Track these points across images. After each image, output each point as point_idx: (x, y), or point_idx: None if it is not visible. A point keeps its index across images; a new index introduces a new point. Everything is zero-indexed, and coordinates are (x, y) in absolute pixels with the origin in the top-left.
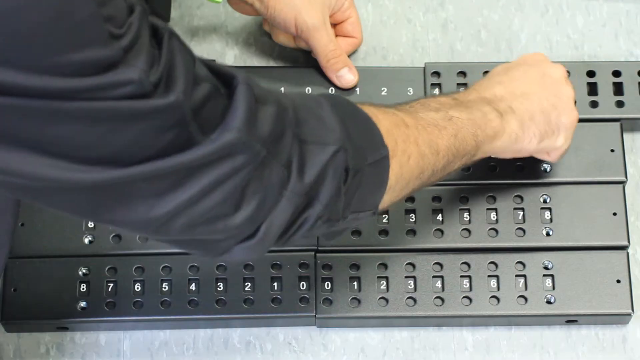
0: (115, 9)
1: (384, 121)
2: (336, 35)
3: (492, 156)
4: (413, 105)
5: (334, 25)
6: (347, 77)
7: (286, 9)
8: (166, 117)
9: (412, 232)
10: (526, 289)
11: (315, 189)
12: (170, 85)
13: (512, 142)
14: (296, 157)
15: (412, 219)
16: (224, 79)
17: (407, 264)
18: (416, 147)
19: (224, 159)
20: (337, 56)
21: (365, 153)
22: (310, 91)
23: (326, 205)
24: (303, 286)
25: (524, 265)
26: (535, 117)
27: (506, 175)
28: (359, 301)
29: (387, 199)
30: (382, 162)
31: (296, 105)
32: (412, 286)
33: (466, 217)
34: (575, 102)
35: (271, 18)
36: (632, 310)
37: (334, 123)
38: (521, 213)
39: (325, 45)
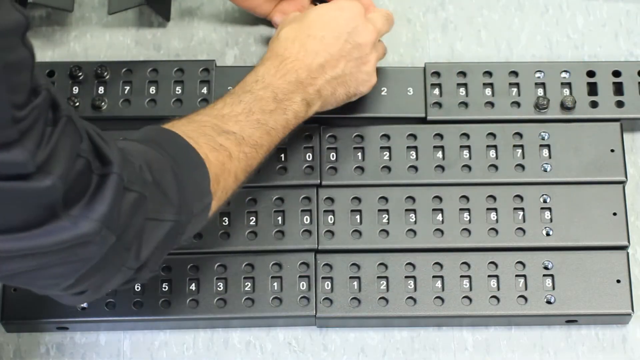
0: (22, 95)
1: (213, 162)
2: None
3: None
4: (239, 117)
5: None
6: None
7: None
8: (40, 198)
9: (412, 232)
10: (526, 289)
11: (147, 263)
12: (51, 168)
13: (308, 118)
14: (137, 239)
15: (412, 219)
16: (101, 159)
17: (407, 264)
18: (235, 177)
19: (78, 246)
20: None
21: (194, 207)
22: None
23: (154, 270)
24: (303, 286)
25: (524, 265)
26: (336, 93)
27: (506, 175)
28: (359, 301)
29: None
30: (205, 209)
31: (146, 178)
32: (412, 286)
33: (466, 217)
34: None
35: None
36: (632, 310)
37: (173, 192)
38: (521, 213)
39: None
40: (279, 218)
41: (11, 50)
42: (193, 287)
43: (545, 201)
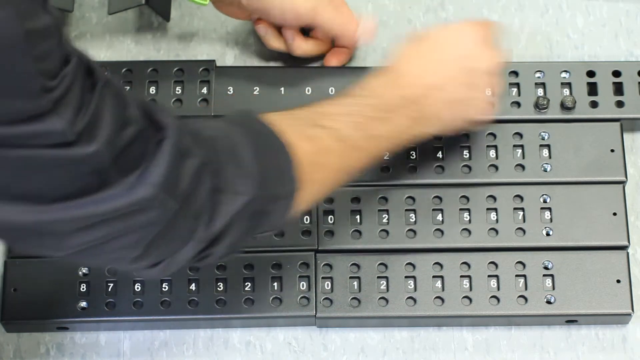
0: (51, 63)
1: (304, 149)
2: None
3: None
4: (338, 117)
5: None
6: (368, 27)
7: (280, 1)
8: (85, 165)
9: (412, 232)
10: (526, 289)
11: (222, 235)
12: (94, 134)
13: (418, 139)
14: (207, 207)
15: (412, 219)
16: (155, 124)
17: (407, 264)
18: (332, 174)
19: (138, 212)
20: (348, 20)
21: (275, 190)
22: (310, 91)
23: (230, 247)
24: (303, 286)
25: (524, 265)
26: (444, 117)
27: (506, 175)
28: (359, 301)
29: (297, 212)
30: (289, 197)
31: (218, 150)
32: (412, 286)
33: (466, 217)
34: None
35: (264, 11)
36: (632, 310)
37: (252, 168)
38: (521, 213)
39: (333, 18)
40: None
41: (32, 17)
42: (193, 287)
43: (545, 201)
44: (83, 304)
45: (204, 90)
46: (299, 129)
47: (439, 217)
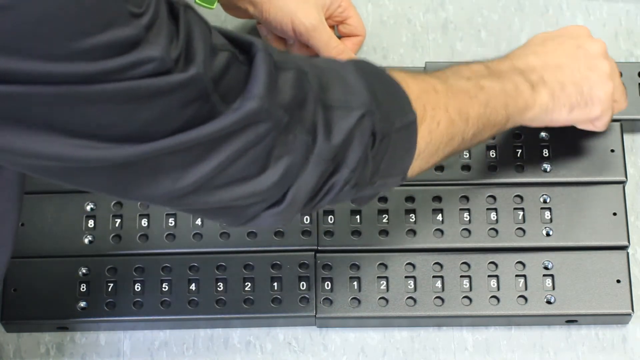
0: None
1: (412, 86)
2: (340, 37)
3: (524, 125)
4: (445, 72)
5: (335, 25)
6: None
7: (281, 13)
8: (188, 91)
9: (412, 232)
10: (526, 289)
11: (342, 154)
12: (190, 58)
13: (542, 113)
14: (321, 122)
15: (412, 219)
16: (242, 46)
17: (407, 264)
18: (446, 113)
19: (247, 128)
20: (341, 52)
21: (392, 118)
22: None
23: (354, 170)
24: (303, 286)
25: (524, 265)
26: (566, 88)
27: (506, 175)
28: (359, 301)
29: (417, 165)
30: (410, 127)
31: (319, 69)
32: (412, 286)
33: (466, 217)
34: (620, 74)
35: (266, 22)
36: (632, 310)
37: (360, 87)
38: (521, 213)
39: (327, 43)
40: None
41: None
42: (193, 287)
43: (545, 201)
44: (83, 304)
45: None
46: (405, 72)
47: (439, 217)
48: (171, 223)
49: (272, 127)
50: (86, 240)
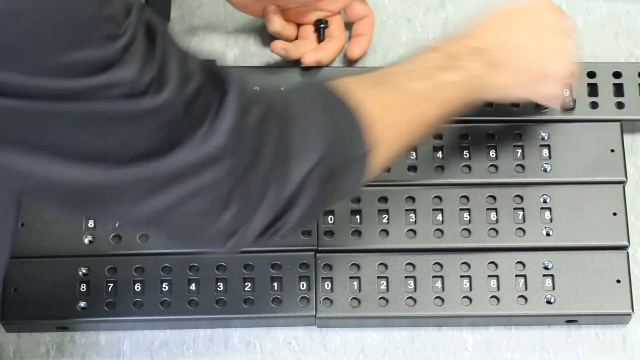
0: (115, 10)
1: (371, 109)
2: (350, 23)
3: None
4: (403, 74)
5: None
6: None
7: None
8: (157, 116)
9: (412, 232)
10: (526, 289)
11: (295, 197)
12: (163, 83)
13: (501, 93)
14: (280, 164)
15: (412, 219)
16: (215, 77)
17: (407, 264)
18: (403, 128)
19: (211, 164)
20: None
21: (347, 153)
22: None
23: (305, 212)
24: (303, 286)
25: (524, 265)
26: (525, 65)
27: (506, 175)
28: (359, 301)
29: (368, 179)
30: (362, 159)
31: (288, 106)
32: (412, 286)
33: (466, 217)
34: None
35: None
36: (632, 310)
37: (322, 125)
38: (521, 213)
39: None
40: None
41: None
42: (193, 287)
43: (545, 201)
44: (83, 304)
45: None
46: (363, 90)
47: (439, 217)
48: None
49: (234, 167)
50: (86, 240)
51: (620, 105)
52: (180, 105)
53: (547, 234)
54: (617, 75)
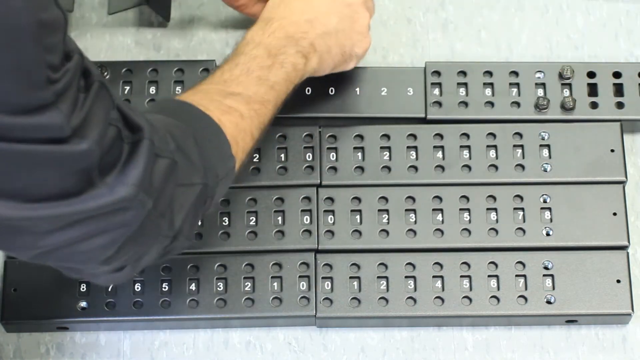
0: (56, 57)
1: (227, 125)
2: None
3: None
4: (240, 78)
5: None
6: None
7: None
8: (76, 163)
9: (412, 232)
10: (526, 289)
11: (181, 228)
12: (86, 132)
13: (310, 74)
14: (170, 206)
15: (412, 219)
16: (131, 126)
17: (407, 264)
18: (251, 138)
19: (116, 212)
20: None
21: (219, 171)
22: (310, 91)
23: (189, 237)
24: (303, 286)
25: (524, 265)
26: (332, 50)
27: (506, 175)
28: (359, 301)
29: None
30: (230, 173)
31: (175, 145)
32: (412, 286)
33: (466, 217)
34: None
35: None
36: (632, 310)
37: (197, 157)
38: (521, 213)
39: None
40: (279, 218)
41: (45, 8)
42: (193, 287)
43: (545, 201)
44: (83, 304)
45: None
46: (217, 104)
47: (439, 217)
48: None
49: (137, 215)
50: None
51: (620, 105)
52: (98, 154)
53: (547, 234)
54: (617, 75)
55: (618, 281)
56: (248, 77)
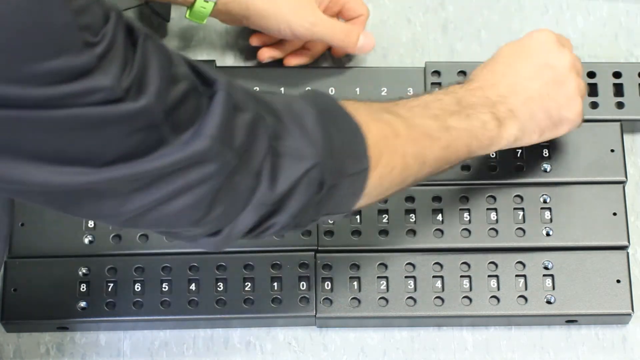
0: (91, 18)
1: (373, 131)
2: (345, 21)
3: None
4: (413, 107)
5: (337, 13)
6: (366, 44)
7: (276, 22)
8: (136, 121)
9: (412, 232)
10: (526, 289)
11: (285, 201)
12: (142, 88)
13: (509, 144)
14: (268, 169)
15: (412, 219)
16: (205, 80)
17: (407, 264)
18: (402, 159)
19: (195, 166)
20: (348, 32)
21: (344, 165)
22: None
23: (294, 216)
24: (303, 286)
25: (524, 265)
26: (536, 116)
27: (506, 175)
28: (359, 301)
29: (363, 203)
30: (360, 174)
31: (279, 113)
32: (412, 286)
33: (466, 217)
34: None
35: (265, 30)
36: (632, 310)
37: (316, 134)
38: (521, 213)
39: (332, 32)
40: None
41: None
42: (193, 287)
43: (545, 201)
44: (83, 304)
45: None
46: (372, 112)
47: (439, 217)
48: None
49: (219, 169)
50: (86, 240)
51: (620, 105)
52: (161, 110)
53: (547, 234)
54: (617, 75)
55: (618, 281)
56: (423, 110)
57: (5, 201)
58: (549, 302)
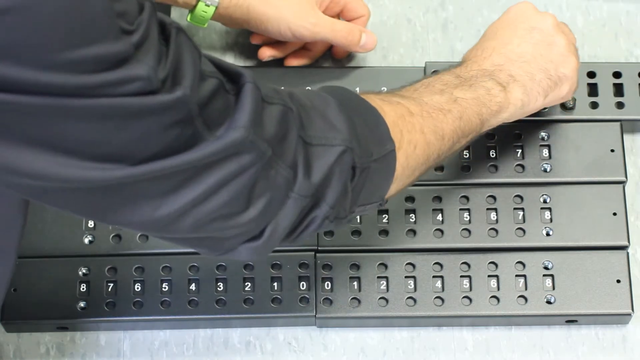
0: (127, 5)
1: (389, 113)
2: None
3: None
4: (417, 89)
5: (338, 14)
6: (369, 42)
7: (277, 24)
8: (173, 113)
9: (412, 232)
10: (526, 289)
11: (322, 190)
12: (177, 80)
13: (518, 109)
14: (302, 159)
15: (412, 219)
16: (230, 76)
17: (407, 264)
18: (422, 135)
19: (231, 158)
20: (350, 31)
21: (371, 149)
22: None
23: (333, 206)
24: (303, 286)
25: (524, 265)
26: (536, 77)
27: (506, 175)
28: (359, 301)
29: (394, 188)
30: (388, 156)
31: (302, 105)
32: (412, 286)
33: (466, 217)
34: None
35: (265, 33)
36: (632, 310)
37: (341, 122)
38: (521, 213)
39: (333, 31)
40: None
41: None
42: (193, 287)
43: (545, 201)
44: (83, 304)
45: None
46: (380, 97)
47: (439, 217)
48: None
49: (255, 159)
50: (86, 240)
51: (620, 105)
52: (196, 103)
53: (547, 234)
54: (617, 75)
55: (618, 281)
56: (427, 89)
57: (20, 206)
58: (549, 302)
